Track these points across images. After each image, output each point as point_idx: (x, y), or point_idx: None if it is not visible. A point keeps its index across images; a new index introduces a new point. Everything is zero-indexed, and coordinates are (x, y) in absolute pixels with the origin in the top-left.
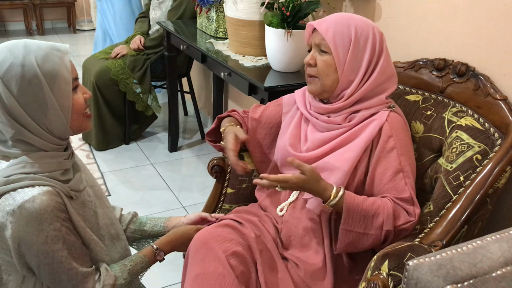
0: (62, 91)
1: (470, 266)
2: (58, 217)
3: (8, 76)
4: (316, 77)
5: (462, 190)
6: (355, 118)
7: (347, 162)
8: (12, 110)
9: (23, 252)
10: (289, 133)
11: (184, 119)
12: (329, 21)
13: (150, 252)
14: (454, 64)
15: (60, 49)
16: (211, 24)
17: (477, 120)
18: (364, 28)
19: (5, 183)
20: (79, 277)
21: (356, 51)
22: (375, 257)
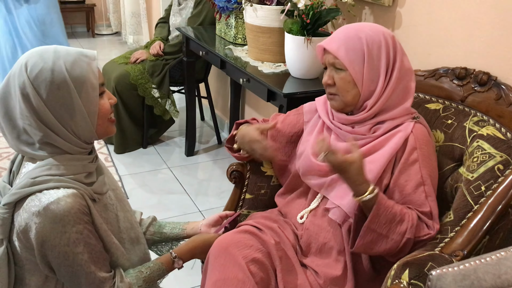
0: (89, 97)
1: (495, 277)
2: (81, 219)
3: (38, 80)
4: (336, 94)
5: (484, 200)
6: (380, 129)
7: (372, 173)
8: (41, 114)
9: (45, 252)
10: (312, 142)
11: (201, 124)
12: (338, 38)
13: (169, 260)
14: (475, 73)
15: (88, 55)
16: (230, 31)
17: (498, 130)
18: (375, 37)
19: (32, 184)
20: (96, 282)
21: (371, 62)
22: (395, 266)
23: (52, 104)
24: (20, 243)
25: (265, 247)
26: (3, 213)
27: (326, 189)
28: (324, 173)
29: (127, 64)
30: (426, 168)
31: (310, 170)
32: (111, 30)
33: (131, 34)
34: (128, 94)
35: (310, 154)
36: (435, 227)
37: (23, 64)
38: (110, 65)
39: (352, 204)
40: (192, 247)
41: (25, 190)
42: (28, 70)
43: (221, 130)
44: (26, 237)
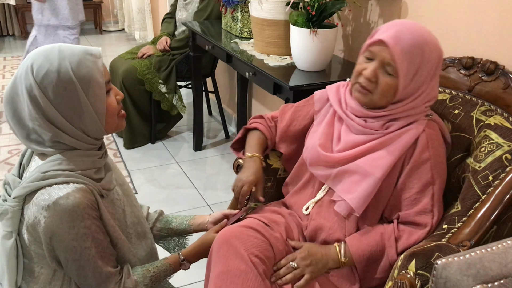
0: (96, 95)
1: (501, 266)
2: (89, 214)
3: (45, 82)
4: (370, 92)
5: (491, 189)
6: (393, 126)
7: (380, 169)
8: (49, 114)
9: (53, 246)
10: (320, 132)
11: (209, 118)
12: (405, 43)
13: (176, 261)
14: (482, 62)
15: (93, 53)
16: (236, 24)
17: (506, 119)
18: (432, 52)
19: (42, 179)
20: (103, 277)
21: (419, 77)
22: (401, 257)
23: (60, 104)
24: (30, 236)
25: (268, 239)
26: (13, 206)
27: (333, 181)
28: (331, 164)
29: (133, 59)
30: (437, 168)
31: (318, 160)
32: (118, 26)
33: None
34: (135, 89)
35: (318, 145)
36: (430, 225)
37: (29, 66)
38: (117, 60)
39: (360, 200)
40: (200, 250)
41: (35, 184)
42: (34, 72)
43: (229, 124)
44: (35, 231)
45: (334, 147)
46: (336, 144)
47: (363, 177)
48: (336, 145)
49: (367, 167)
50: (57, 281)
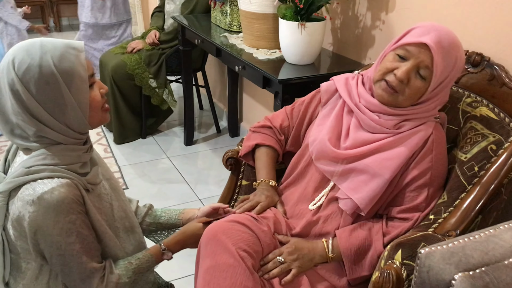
0: (79, 89)
1: (482, 254)
2: (74, 209)
3: (27, 77)
4: (398, 92)
5: (477, 180)
6: (404, 127)
7: (389, 170)
8: (32, 109)
9: (38, 240)
10: (329, 126)
11: (200, 113)
12: (445, 50)
13: (158, 251)
14: (468, 54)
15: (75, 47)
16: (225, 18)
17: (492, 110)
18: (462, 64)
19: (26, 174)
20: (87, 272)
21: (446, 84)
22: (388, 247)
23: (42, 99)
24: (15, 232)
25: (255, 233)
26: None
27: (339, 178)
28: (337, 160)
29: (123, 54)
30: (437, 170)
31: (325, 155)
32: None
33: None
34: (125, 84)
35: (327, 140)
36: (417, 218)
37: (10, 61)
38: (107, 55)
39: (367, 200)
40: (182, 239)
41: (19, 179)
42: (15, 67)
43: (220, 119)
44: (20, 226)
45: (342, 143)
46: (344, 140)
47: (371, 177)
48: (344, 141)
49: (376, 167)
50: (44, 276)
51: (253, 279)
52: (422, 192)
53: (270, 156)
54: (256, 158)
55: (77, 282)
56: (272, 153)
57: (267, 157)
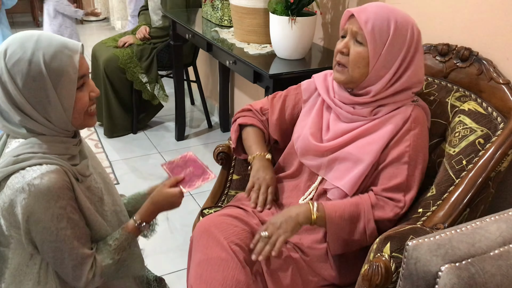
0: (65, 90)
1: (469, 246)
2: (64, 195)
3: (15, 69)
4: (345, 66)
5: (465, 173)
6: (381, 112)
7: (371, 154)
8: (17, 100)
9: (30, 228)
10: (310, 122)
11: (191, 108)
12: (370, 12)
13: (133, 227)
14: (457, 49)
15: (71, 48)
16: (216, 13)
17: (480, 105)
18: (404, 25)
19: (14, 162)
20: (79, 258)
21: (392, 48)
22: (377, 240)
23: (27, 93)
24: (6, 221)
25: (247, 227)
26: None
27: (325, 170)
28: (321, 154)
29: (115, 48)
30: (415, 150)
31: (308, 150)
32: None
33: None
34: (117, 78)
35: (309, 135)
36: (406, 198)
37: (3, 50)
38: (99, 47)
39: (351, 183)
40: (150, 208)
41: (7, 168)
42: (6, 57)
43: (211, 114)
44: (10, 215)
45: (324, 136)
46: (326, 133)
47: (354, 164)
48: (326, 134)
49: (357, 153)
50: (32, 267)
51: (245, 272)
52: (401, 170)
53: (256, 133)
54: (244, 139)
55: (69, 269)
56: (257, 130)
57: (254, 134)
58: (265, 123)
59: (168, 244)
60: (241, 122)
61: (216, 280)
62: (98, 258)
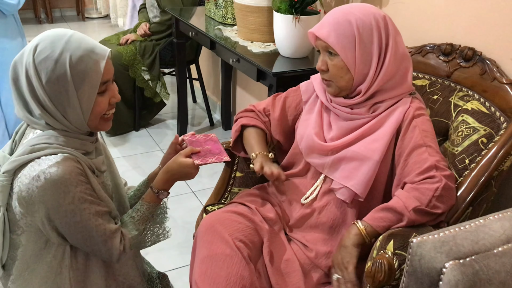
0: (86, 93)
1: (472, 243)
2: (82, 181)
3: (42, 66)
4: (331, 81)
5: (467, 172)
6: (379, 108)
7: (377, 152)
8: (39, 95)
9: (50, 215)
10: (313, 122)
11: (193, 106)
12: (328, 24)
13: (152, 195)
14: (461, 48)
15: (98, 53)
16: (219, 11)
17: (483, 104)
18: (365, 20)
19: (31, 151)
20: (107, 233)
21: (363, 46)
22: (380, 238)
23: (49, 90)
24: (22, 209)
25: (252, 223)
26: (2, 181)
27: (329, 169)
28: (325, 153)
29: (118, 45)
30: (426, 133)
31: (313, 149)
32: (101, 13)
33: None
34: (120, 75)
35: (313, 134)
36: (443, 174)
37: (34, 45)
38: (103, 44)
39: (362, 184)
40: (168, 177)
41: (24, 157)
42: (36, 53)
43: (213, 112)
44: (28, 202)
45: (326, 135)
46: (328, 131)
47: (361, 162)
48: (328, 133)
49: (364, 151)
50: (46, 256)
51: (249, 268)
52: (423, 154)
53: (258, 134)
54: (245, 139)
55: (100, 245)
56: (259, 131)
57: (256, 134)
58: (267, 124)
59: (170, 241)
60: (243, 123)
61: (221, 276)
62: (124, 231)
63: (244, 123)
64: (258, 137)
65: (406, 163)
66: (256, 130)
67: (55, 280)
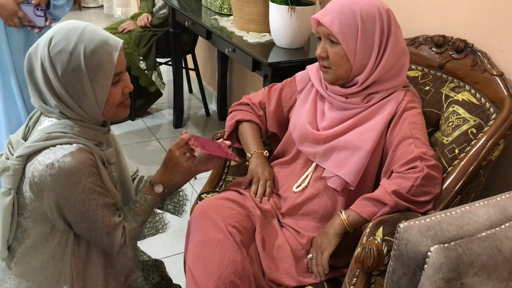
0: (100, 84)
1: (457, 228)
2: (93, 172)
3: (57, 59)
4: (329, 68)
5: (457, 162)
6: (373, 99)
7: (369, 141)
8: (54, 87)
9: (59, 203)
10: (306, 111)
11: (189, 96)
12: (333, 11)
13: (148, 188)
14: (453, 40)
15: (111, 44)
16: (216, 1)
17: (473, 95)
18: (370, 11)
19: (46, 139)
20: (112, 225)
21: (365, 37)
22: (370, 224)
23: (64, 82)
24: (32, 194)
25: (245, 210)
26: (15, 165)
27: (321, 158)
28: (317, 141)
29: (114, 34)
30: (416, 125)
31: (305, 138)
32: (98, 3)
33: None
34: None
35: (307, 123)
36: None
37: (48, 38)
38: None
39: (353, 173)
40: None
41: (39, 144)
42: (51, 46)
43: (209, 102)
44: (39, 189)
45: (319, 124)
46: (321, 120)
47: (353, 152)
48: (321, 122)
49: (355, 141)
50: (50, 242)
51: (241, 253)
52: (410, 146)
53: (254, 129)
54: (240, 134)
55: (102, 236)
56: (254, 126)
57: (251, 131)
58: (262, 118)
59: None
60: (238, 119)
61: (213, 261)
62: (124, 224)
63: (239, 118)
64: (253, 133)
65: (394, 154)
66: (251, 125)
67: (57, 265)
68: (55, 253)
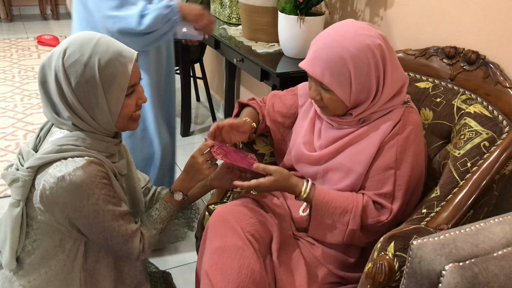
0: (114, 96)
1: (472, 246)
2: (106, 184)
3: (71, 70)
4: (325, 106)
5: (469, 176)
6: (371, 119)
7: (362, 164)
8: (68, 98)
9: (71, 216)
10: (304, 130)
11: (197, 104)
12: (322, 61)
13: (168, 195)
14: (464, 52)
15: (126, 56)
16: (224, 10)
17: (486, 108)
18: (361, 56)
19: (58, 151)
20: (129, 233)
21: (359, 81)
22: (381, 239)
23: (78, 93)
24: (43, 206)
25: (263, 218)
26: (25, 176)
27: (322, 179)
28: (311, 162)
29: None
30: (403, 155)
31: (301, 159)
32: None
33: None
34: None
35: (301, 144)
36: (393, 208)
37: (63, 49)
38: None
39: (350, 184)
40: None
41: (50, 156)
42: (65, 57)
43: (217, 111)
44: (50, 201)
45: (316, 142)
46: (317, 139)
47: (346, 174)
48: (317, 141)
49: (348, 163)
50: (59, 254)
51: (259, 262)
52: (388, 178)
53: (250, 111)
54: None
55: (120, 245)
56: (252, 109)
57: (247, 111)
58: (263, 108)
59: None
60: (243, 102)
61: (232, 268)
62: (143, 231)
63: (243, 102)
64: (250, 113)
65: (372, 178)
66: (251, 108)
67: (66, 278)
68: (64, 265)
